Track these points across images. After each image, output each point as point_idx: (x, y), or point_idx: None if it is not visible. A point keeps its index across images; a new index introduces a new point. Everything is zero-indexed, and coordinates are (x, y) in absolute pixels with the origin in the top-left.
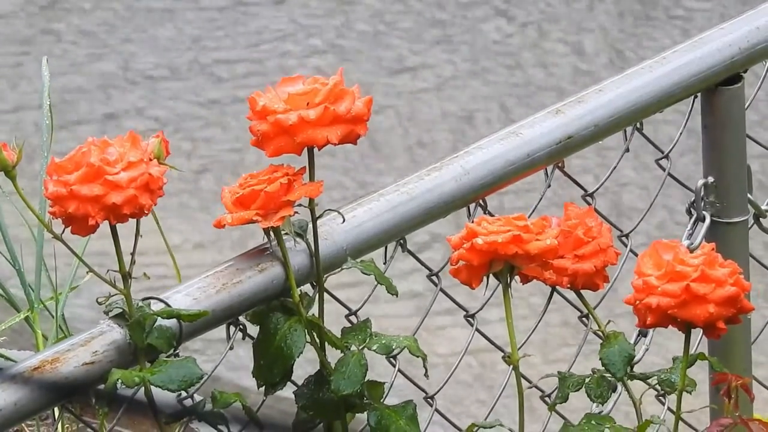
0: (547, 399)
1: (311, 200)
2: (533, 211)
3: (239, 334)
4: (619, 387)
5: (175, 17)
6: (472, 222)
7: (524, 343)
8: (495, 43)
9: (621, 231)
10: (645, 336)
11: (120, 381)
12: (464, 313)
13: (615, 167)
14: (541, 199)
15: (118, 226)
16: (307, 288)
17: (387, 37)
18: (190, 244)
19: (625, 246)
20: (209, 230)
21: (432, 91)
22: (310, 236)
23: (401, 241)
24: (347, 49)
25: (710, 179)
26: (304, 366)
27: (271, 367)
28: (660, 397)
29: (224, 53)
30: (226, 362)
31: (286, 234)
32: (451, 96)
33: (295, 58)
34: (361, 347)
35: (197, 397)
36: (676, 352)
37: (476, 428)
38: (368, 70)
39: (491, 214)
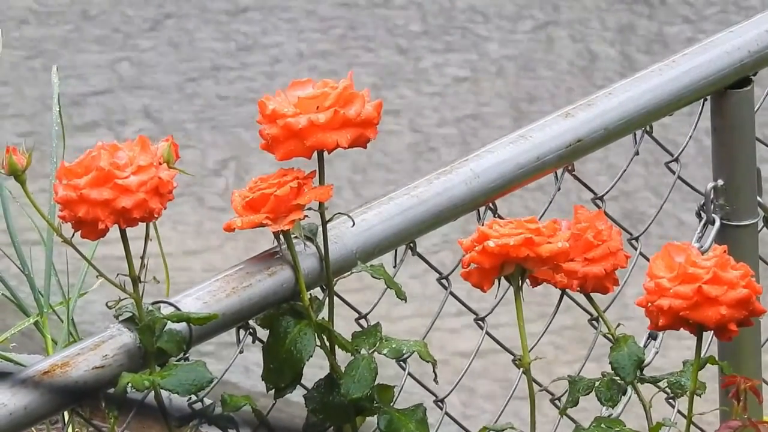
0: (557, 402)
1: (321, 204)
2: (543, 213)
3: (249, 338)
4: (629, 390)
5: (181, 23)
6: (483, 225)
7: (534, 345)
8: (502, 45)
9: (631, 234)
10: (655, 339)
11: (130, 385)
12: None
13: (625, 170)
14: (551, 202)
15: (128, 229)
16: (317, 292)
17: (393, 40)
18: (200, 247)
19: (635, 249)
20: (217, 234)
21: (439, 95)
22: (320, 240)
23: (411, 244)
24: (352, 52)
25: (720, 182)
26: (315, 370)
27: (281, 371)
28: (670, 400)
29: (231, 58)
30: (236, 366)
31: (296, 237)
32: (458, 99)
33: (301, 62)
34: (371, 351)
35: (207, 401)
36: (680, 354)
37: (487, 431)
38: (375, 74)
39: (501, 218)
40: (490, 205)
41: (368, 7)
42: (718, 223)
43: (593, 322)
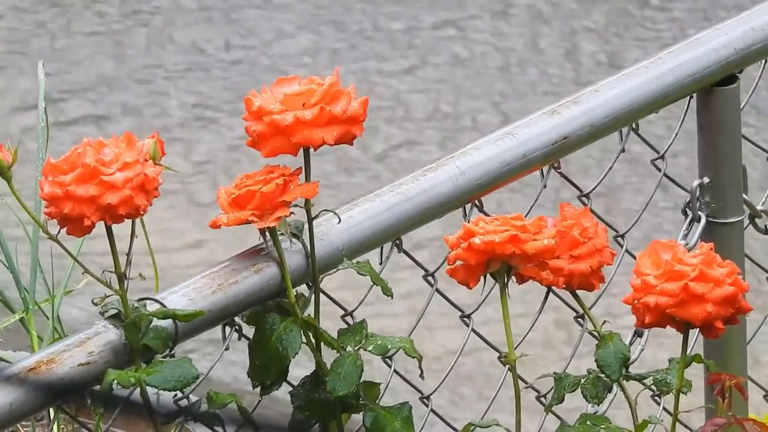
0: (543, 399)
1: (307, 201)
2: (529, 210)
3: (235, 335)
4: (615, 387)
5: (168, 18)
6: (469, 222)
7: (521, 342)
8: (489, 43)
9: (616, 231)
10: (640, 336)
11: (116, 381)
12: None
13: (611, 167)
14: (537, 199)
15: (114, 226)
16: (303, 289)
17: (380, 38)
18: (186, 244)
19: (621, 246)
20: (205, 231)
21: (426, 92)
22: (306, 237)
23: (397, 241)
24: (340, 50)
25: (706, 179)
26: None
27: (267, 368)
28: (656, 397)
29: (218, 53)
30: (221, 363)
31: (282, 234)
32: (445, 96)
33: (288, 59)
34: (356, 348)
35: (193, 398)
36: (668, 348)
37: (473, 427)
38: (361, 71)
39: (487, 215)
40: (476, 202)
41: (355, 2)
42: (703, 221)
43: (579, 319)
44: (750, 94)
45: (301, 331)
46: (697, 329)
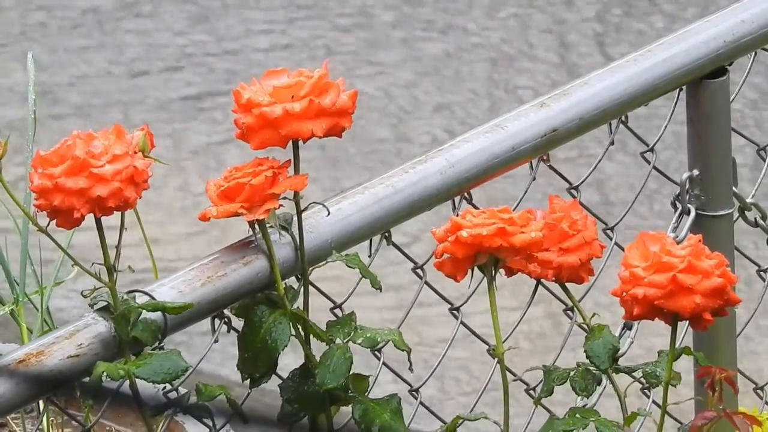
0: (532, 392)
1: (296, 193)
2: (518, 203)
3: (224, 327)
4: (604, 380)
5: (156, 11)
6: (457, 215)
7: (509, 335)
8: (477, 35)
9: (606, 224)
10: (630, 329)
11: (105, 374)
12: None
13: (600, 160)
14: (526, 191)
15: (104, 218)
16: (292, 281)
17: (367, 30)
18: (174, 236)
19: (610, 239)
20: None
21: (414, 84)
22: (295, 229)
23: (386, 234)
24: (329, 43)
25: (695, 172)
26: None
27: (256, 360)
28: (645, 390)
29: (207, 46)
30: (210, 355)
31: (271, 227)
32: (433, 89)
33: (277, 52)
34: (345, 340)
35: (182, 390)
36: (656, 344)
37: (461, 420)
38: (350, 63)
39: (476, 207)
40: (465, 194)
41: None
42: (693, 213)
43: (568, 311)
44: (740, 86)
45: (290, 324)
46: (686, 321)
